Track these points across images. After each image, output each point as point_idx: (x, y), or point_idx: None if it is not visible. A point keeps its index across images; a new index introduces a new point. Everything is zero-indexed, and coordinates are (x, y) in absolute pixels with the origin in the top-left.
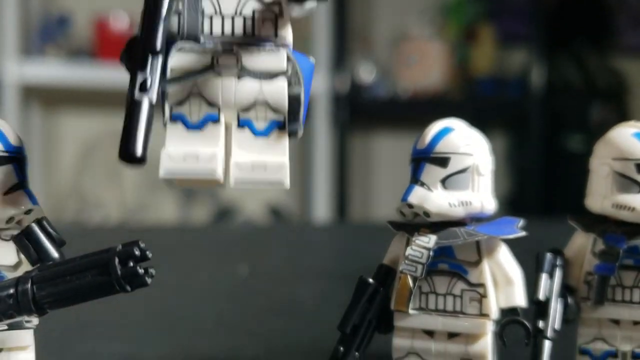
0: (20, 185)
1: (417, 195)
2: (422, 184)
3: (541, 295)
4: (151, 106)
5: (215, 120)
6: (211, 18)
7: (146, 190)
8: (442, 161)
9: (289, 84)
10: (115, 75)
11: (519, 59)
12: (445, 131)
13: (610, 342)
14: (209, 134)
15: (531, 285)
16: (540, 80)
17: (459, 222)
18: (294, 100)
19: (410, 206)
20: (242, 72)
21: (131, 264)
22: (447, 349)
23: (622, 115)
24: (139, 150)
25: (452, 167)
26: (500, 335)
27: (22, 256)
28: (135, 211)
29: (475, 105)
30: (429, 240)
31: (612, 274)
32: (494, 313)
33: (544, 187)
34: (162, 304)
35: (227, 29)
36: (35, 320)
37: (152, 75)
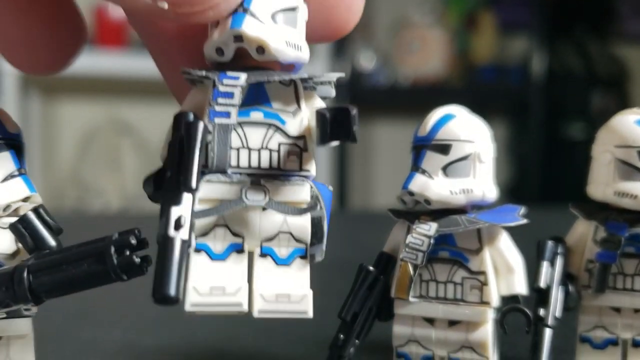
0: (17, 172)
1: (418, 183)
2: (423, 172)
3: (542, 283)
4: (184, 244)
5: (240, 249)
6: (238, 150)
7: None
8: (443, 148)
9: (312, 210)
10: (114, 62)
11: (520, 46)
12: (446, 118)
13: (611, 329)
14: (234, 264)
15: (532, 273)
16: (540, 67)
17: (460, 210)
18: (315, 226)
19: (411, 194)
20: (268, 204)
21: (127, 252)
22: (448, 336)
23: (623, 103)
24: (172, 291)
25: (453, 155)
26: (501, 323)
27: (20, 245)
28: (136, 199)
29: (475, 93)
30: (430, 228)
31: (613, 261)
32: (495, 301)
33: (544, 175)
34: None
35: (254, 162)
36: (34, 309)
37: (186, 213)
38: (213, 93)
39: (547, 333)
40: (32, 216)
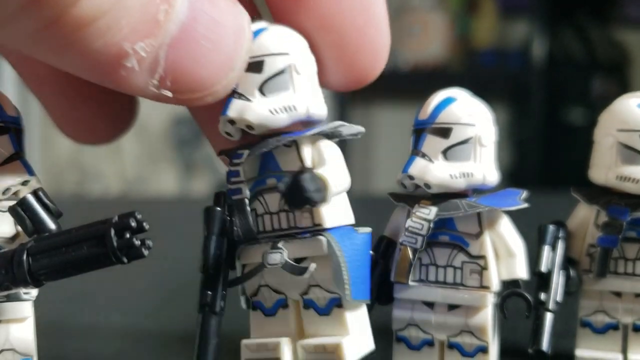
0: (16, 156)
1: (418, 167)
2: (423, 155)
3: (543, 268)
4: (218, 319)
5: (284, 304)
6: (263, 217)
7: (146, 163)
8: (444, 132)
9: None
10: None
11: (521, 30)
12: (447, 101)
13: (611, 314)
14: (281, 319)
15: (533, 257)
16: (541, 52)
17: (461, 194)
18: (335, 272)
19: (411, 178)
20: (284, 266)
21: (127, 235)
22: (447, 320)
23: (624, 88)
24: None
25: (453, 138)
26: (501, 308)
27: (20, 228)
28: (135, 183)
29: (476, 78)
30: (430, 212)
31: (614, 246)
32: (495, 285)
33: (544, 160)
34: (162, 276)
35: (276, 224)
36: (34, 292)
37: (215, 293)
38: (227, 173)
39: (548, 317)
40: (32, 199)
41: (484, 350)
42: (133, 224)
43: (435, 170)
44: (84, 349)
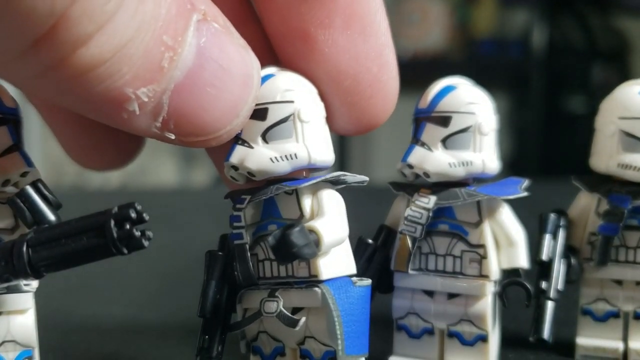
0: (15, 147)
1: (417, 156)
2: (423, 144)
3: (544, 256)
4: None
5: (282, 352)
6: (263, 263)
7: (146, 154)
8: (443, 120)
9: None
10: None
11: (521, 19)
12: (447, 90)
13: (612, 302)
14: None
15: (534, 246)
16: (541, 40)
17: (461, 183)
18: (329, 325)
19: (410, 166)
20: (278, 315)
21: (127, 226)
22: (447, 309)
23: (625, 75)
24: None
25: (453, 127)
26: (501, 296)
27: (19, 219)
28: (135, 174)
29: (476, 66)
30: (429, 201)
31: (616, 234)
32: (494, 274)
33: (544, 149)
34: (162, 267)
35: (275, 272)
36: (34, 283)
37: (213, 338)
38: (230, 217)
39: (549, 306)
40: (31, 190)
41: (483, 338)
42: (133, 214)
43: (435, 159)
44: (85, 340)
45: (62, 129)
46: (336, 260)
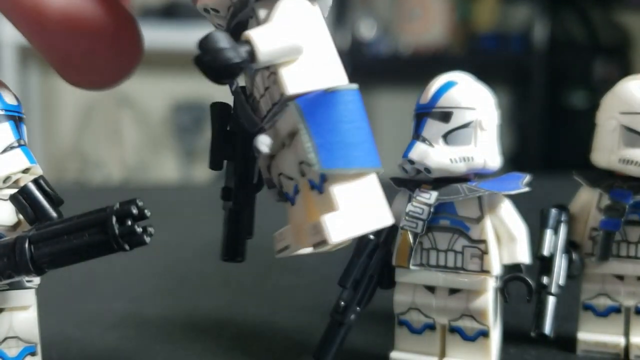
0: (17, 143)
1: (418, 151)
2: (424, 140)
3: (545, 251)
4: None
5: (296, 191)
6: (260, 102)
7: (147, 150)
8: (444, 116)
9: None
10: None
11: (522, 13)
12: (448, 85)
13: (613, 297)
14: (298, 206)
15: (535, 241)
16: (543, 35)
17: (462, 178)
18: (302, 144)
19: (412, 162)
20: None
21: (129, 222)
22: (448, 304)
23: (626, 70)
24: None
25: (454, 122)
26: (502, 292)
27: (21, 216)
28: (136, 170)
29: (477, 61)
30: (430, 197)
31: (617, 229)
32: (495, 269)
33: (546, 144)
34: (164, 263)
35: (267, 106)
36: (36, 280)
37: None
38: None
39: (551, 301)
40: (33, 187)
41: (485, 334)
42: (134, 211)
43: (436, 154)
44: (87, 336)
45: (51, 44)
46: (306, 71)
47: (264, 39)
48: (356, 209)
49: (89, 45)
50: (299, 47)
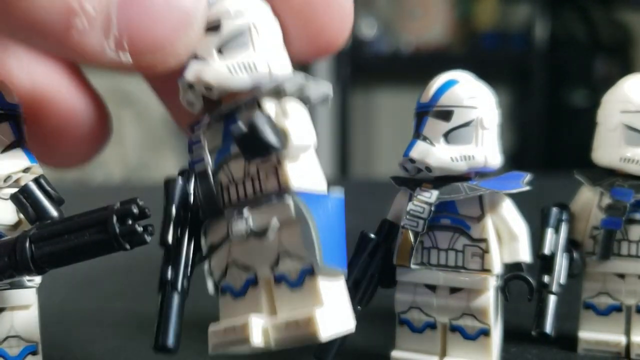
0: (17, 143)
1: (419, 150)
2: (425, 139)
3: (546, 250)
4: (181, 297)
5: (254, 282)
6: (228, 188)
7: (148, 149)
8: (445, 114)
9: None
10: None
11: (523, 12)
12: (449, 84)
13: (614, 296)
14: (251, 299)
15: (536, 240)
16: (544, 34)
17: (463, 177)
18: (304, 234)
19: (412, 161)
20: (251, 233)
21: (130, 221)
22: (449, 303)
23: (627, 69)
24: (170, 342)
25: (455, 121)
26: (503, 290)
27: (22, 215)
28: (137, 170)
29: (478, 60)
30: (431, 196)
31: (618, 228)
32: (496, 268)
33: (547, 142)
34: None
35: (241, 193)
36: (37, 279)
37: (177, 269)
38: (188, 143)
39: (552, 300)
40: (33, 186)
41: (485, 332)
42: (135, 210)
43: (436, 153)
44: (88, 335)
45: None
46: (305, 171)
47: (297, 133)
48: (334, 308)
49: (54, 128)
50: (311, 147)
